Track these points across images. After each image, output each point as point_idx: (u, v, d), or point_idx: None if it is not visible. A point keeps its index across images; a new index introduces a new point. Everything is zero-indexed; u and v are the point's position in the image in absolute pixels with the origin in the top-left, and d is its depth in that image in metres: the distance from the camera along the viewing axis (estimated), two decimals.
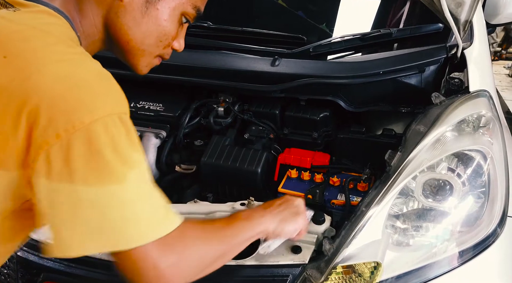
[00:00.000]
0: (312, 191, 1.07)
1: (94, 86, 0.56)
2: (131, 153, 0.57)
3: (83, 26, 0.69)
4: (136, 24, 0.68)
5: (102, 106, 0.55)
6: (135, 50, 0.72)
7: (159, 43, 0.72)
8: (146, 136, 1.25)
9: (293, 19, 1.76)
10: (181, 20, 0.73)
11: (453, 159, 0.97)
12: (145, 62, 0.75)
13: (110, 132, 0.54)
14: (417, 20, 1.56)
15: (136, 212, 0.58)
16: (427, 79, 1.20)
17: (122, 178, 0.56)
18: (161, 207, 0.62)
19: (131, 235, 0.57)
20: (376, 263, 0.87)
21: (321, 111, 1.25)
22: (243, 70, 1.25)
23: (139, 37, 0.70)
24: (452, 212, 0.94)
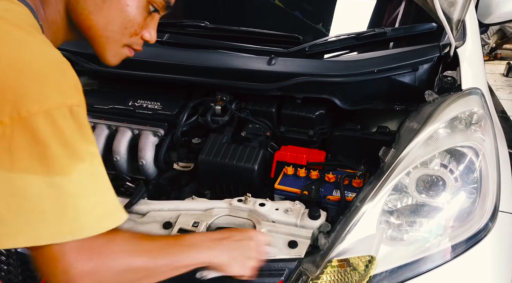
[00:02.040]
0: (308, 187, 1.09)
1: (46, 75, 0.55)
2: (80, 146, 0.55)
3: (46, 13, 0.67)
4: (97, 8, 0.67)
5: (52, 96, 0.53)
6: (98, 36, 0.69)
7: (124, 31, 0.70)
8: (144, 134, 1.26)
9: (290, 19, 1.77)
10: (148, 8, 0.71)
11: (446, 155, 0.99)
12: (112, 51, 0.72)
13: (58, 123, 0.53)
14: (412, 19, 1.58)
15: (67, 208, 0.54)
16: (421, 77, 1.22)
17: (68, 170, 0.54)
18: (101, 206, 0.58)
19: (50, 231, 0.54)
20: (371, 257, 0.89)
21: (316, 109, 1.27)
22: (240, 68, 1.27)
23: (102, 22, 0.68)
24: (445, 207, 0.96)
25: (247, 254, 0.79)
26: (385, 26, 1.56)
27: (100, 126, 1.30)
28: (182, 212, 1.02)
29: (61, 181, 0.54)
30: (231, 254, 0.77)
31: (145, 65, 1.34)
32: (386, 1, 1.71)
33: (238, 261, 0.77)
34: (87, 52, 1.39)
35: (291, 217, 0.98)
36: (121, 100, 1.35)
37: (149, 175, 1.27)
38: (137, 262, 0.63)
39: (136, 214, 1.04)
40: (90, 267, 0.57)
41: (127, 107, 1.32)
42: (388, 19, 1.69)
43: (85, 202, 0.56)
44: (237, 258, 0.77)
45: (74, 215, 0.55)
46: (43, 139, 0.52)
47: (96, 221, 0.57)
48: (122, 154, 1.26)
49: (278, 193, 1.13)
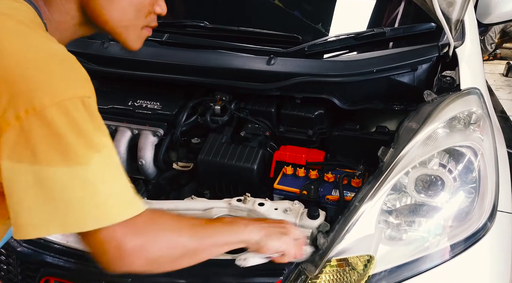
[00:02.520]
0: (307, 187, 1.09)
1: (55, 68, 0.56)
2: (95, 136, 0.57)
3: (52, 13, 0.68)
4: (108, 2, 0.68)
5: (63, 89, 0.55)
6: (117, 28, 0.71)
7: (139, 14, 0.72)
8: (144, 134, 1.27)
9: (290, 19, 1.77)
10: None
11: (445, 155, 0.99)
12: (133, 37, 0.74)
13: (71, 115, 0.54)
14: (412, 19, 1.58)
15: (99, 194, 0.57)
16: (420, 77, 1.23)
17: (86, 160, 0.55)
18: (127, 191, 0.61)
19: (94, 216, 0.57)
20: (369, 257, 0.89)
21: (316, 109, 1.27)
22: (240, 68, 1.27)
23: (116, 14, 0.69)
24: (444, 207, 0.96)
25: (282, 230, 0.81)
26: (385, 26, 1.56)
27: None
28: (182, 212, 1.03)
29: (81, 170, 0.56)
30: (268, 231, 0.79)
31: (144, 65, 1.35)
32: (386, 1, 1.71)
33: (274, 237, 0.79)
34: (87, 52, 1.39)
35: (290, 217, 0.98)
36: (121, 100, 1.35)
37: (148, 175, 1.27)
38: (180, 239, 0.66)
39: None
40: (140, 242, 0.60)
41: (126, 107, 1.32)
42: (387, 19, 1.70)
43: (109, 189, 0.58)
44: (273, 235, 0.79)
45: (103, 201, 0.58)
46: (59, 130, 0.54)
47: (132, 202, 0.61)
48: (122, 154, 1.26)
49: (277, 193, 1.13)
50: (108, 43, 1.40)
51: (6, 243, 0.99)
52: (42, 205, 0.55)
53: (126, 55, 1.36)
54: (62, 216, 0.56)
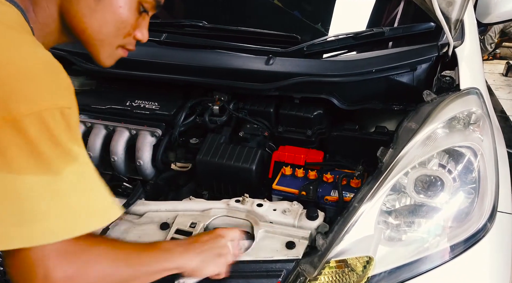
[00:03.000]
0: (306, 187, 1.09)
1: (38, 76, 0.55)
2: (69, 146, 0.56)
3: (37, 16, 0.67)
4: (91, 11, 0.67)
5: (43, 98, 0.54)
6: (92, 39, 0.70)
7: (118, 32, 0.71)
8: (142, 135, 1.26)
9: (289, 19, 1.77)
10: (139, 8, 0.72)
11: (444, 155, 0.99)
12: (106, 53, 0.73)
13: (48, 125, 0.53)
14: (411, 19, 1.57)
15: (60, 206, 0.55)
16: (419, 77, 1.22)
17: (58, 170, 0.54)
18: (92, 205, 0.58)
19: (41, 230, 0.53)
20: (369, 258, 0.89)
21: (315, 109, 1.27)
22: (238, 68, 1.27)
23: (96, 25, 0.68)
24: (444, 208, 0.96)
25: (218, 252, 0.81)
26: (384, 25, 1.55)
27: (97, 126, 1.30)
28: (180, 213, 1.02)
29: (52, 180, 0.54)
30: (202, 257, 0.79)
31: (142, 65, 1.34)
32: (385, 1, 1.70)
33: (210, 262, 0.79)
34: (85, 52, 1.36)
35: (288, 218, 0.97)
36: (119, 100, 1.34)
37: (146, 175, 1.27)
38: (115, 269, 0.64)
39: (133, 214, 1.03)
40: (71, 273, 0.57)
41: (124, 107, 1.32)
42: (387, 18, 1.69)
43: (77, 201, 0.57)
44: (208, 259, 0.79)
45: (66, 213, 0.56)
46: (33, 140, 0.53)
47: (87, 219, 0.58)
48: (120, 154, 1.26)
49: (276, 194, 1.13)
50: None
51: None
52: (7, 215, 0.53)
53: None
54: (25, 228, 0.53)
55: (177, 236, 0.96)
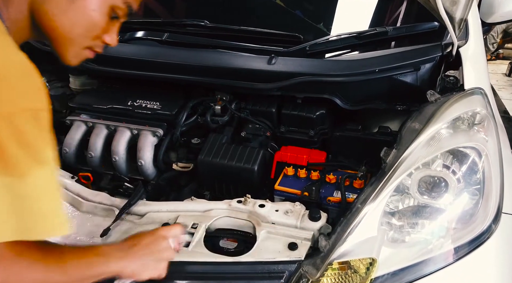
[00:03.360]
0: (308, 188, 1.08)
1: (9, 79, 0.55)
2: (39, 150, 0.56)
3: (10, 13, 0.68)
4: (61, 11, 0.68)
5: (14, 100, 0.54)
6: (61, 38, 0.70)
7: (88, 34, 0.72)
8: (143, 134, 1.25)
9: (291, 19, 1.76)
10: (111, 13, 0.73)
11: (448, 156, 0.98)
12: (73, 53, 0.73)
13: (18, 128, 0.54)
14: (414, 18, 1.56)
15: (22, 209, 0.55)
16: (423, 77, 1.21)
17: (23, 173, 0.55)
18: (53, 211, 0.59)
19: None
20: (372, 259, 0.88)
21: (317, 109, 1.26)
22: (240, 68, 1.26)
23: (66, 25, 0.69)
24: (448, 209, 0.95)
25: (158, 255, 0.82)
26: (387, 25, 1.54)
27: (98, 126, 1.29)
28: (181, 214, 1.01)
29: (16, 182, 0.55)
30: (142, 261, 0.79)
31: (144, 65, 1.33)
32: (388, 0, 1.69)
33: (149, 265, 0.80)
34: None
35: (291, 219, 0.96)
36: (120, 100, 1.33)
37: (148, 175, 1.26)
38: (50, 274, 0.64)
39: (134, 215, 1.03)
40: (1, 279, 0.57)
41: (126, 107, 1.31)
42: (389, 18, 1.68)
43: (39, 206, 0.57)
44: (148, 263, 0.80)
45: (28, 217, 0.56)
46: (1, 141, 0.53)
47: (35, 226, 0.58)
48: (121, 154, 1.25)
49: (278, 194, 1.12)
50: None
51: None
52: None
53: (125, 54, 1.35)
54: None
55: None
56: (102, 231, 0.95)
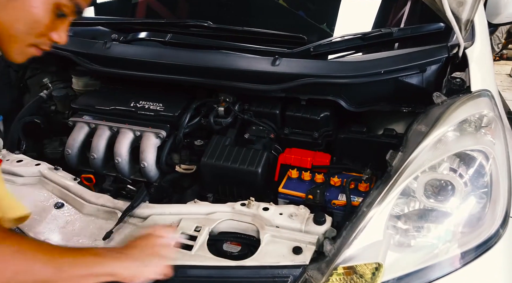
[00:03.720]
0: (313, 191, 1.07)
1: None
2: None
3: None
4: (2, 7, 0.67)
5: None
6: (3, 35, 0.70)
7: (30, 31, 0.71)
8: (146, 136, 1.25)
9: (294, 19, 1.75)
10: (56, 11, 0.72)
11: (455, 159, 0.96)
12: (17, 50, 0.72)
13: None
14: (418, 19, 1.55)
15: None
16: (428, 78, 1.20)
17: None
18: None
19: None
20: (378, 264, 0.87)
21: (321, 111, 1.25)
22: (244, 69, 1.25)
23: (7, 20, 0.68)
24: (454, 213, 0.93)
25: (157, 256, 0.81)
26: (391, 26, 1.53)
27: (101, 127, 1.28)
28: (184, 217, 1.00)
29: None
30: (141, 262, 0.78)
31: (147, 66, 1.32)
32: (391, 1, 1.68)
33: (149, 265, 0.78)
34: (89, 53, 1.37)
35: (295, 222, 0.95)
36: (123, 101, 1.33)
37: (150, 177, 1.25)
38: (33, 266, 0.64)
39: (137, 218, 1.02)
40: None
41: (128, 108, 1.30)
42: (393, 19, 1.67)
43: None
44: (148, 263, 0.79)
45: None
46: None
47: None
48: (124, 156, 1.24)
49: (282, 197, 1.11)
50: (110, 43, 1.37)
51: None
52: None
53: (128, 55, 1.34)
54: None
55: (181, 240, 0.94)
56: (105, 234, 0.94)
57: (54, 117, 1.47)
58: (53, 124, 1.46)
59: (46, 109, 1.46)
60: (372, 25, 1.59)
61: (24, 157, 1.21)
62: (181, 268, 0.88)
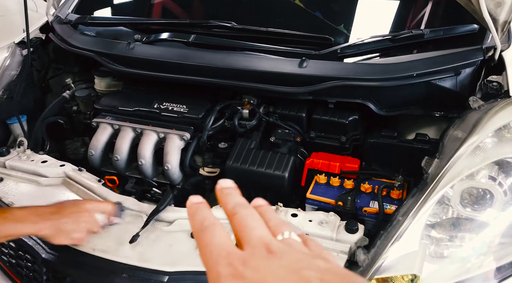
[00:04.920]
0: (343, 198, 1.03)
1: None
2: None
3: None
4: None
5: None
6: None
7: None
8: (170, 138, 1.23)
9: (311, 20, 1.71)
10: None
11: (494, 167, 0.92)
12: None
13: None
14: (440, 21, 1.50)
15: None
16: (462, 82, 1.15)
17: None
18: None
19: None
20: (414, 276, 0.83)
21: (350, 114, 1.21)
22: (269, 71, 1.22)
23: None
24: (492, 223, 0.89)
25: (76, 226, 0.88)
26: (410, 27, 1.49)
27: (125, 129, 1.27)
28: None
29: None
30: (58, 228, 0.85)
31: (170, 67, 1.31)
32: (410, 2, 1.63)
33: (64, 233, 0.86)
34: (113, 53, 1.36)
35: (326, 230, 0.92)
36: (146, 102, 1.31)
37: (174, 180, 1.23)
38: None
39: (163, 221, 1.00)
40: None
41: (152, 110, 1.29)
42: (413, 20, 1.62)
43: None
44: (64, 231, 0.86)
45: None
46: None
47: None
48: (147, 158, 1.23)
49: (310, 203, 1.08)
50: (134, 43, 1.36)
51: (32, 249, 0.96)
52: None
53: (152, 56, 1.33)
54: None
55: None
56: (131, 238, 0.93)
57: (76, 118, 1.47)
58: (74, 124, 1.46)
59: (68, 110, 1.46)
60: (390, 26, 1.54)
61: (49, 158, 1.21)
62: None
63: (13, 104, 1.35)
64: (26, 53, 1.46)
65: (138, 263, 0.89)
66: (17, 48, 1.48)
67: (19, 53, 1.47)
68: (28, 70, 1.46)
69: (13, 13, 3.22)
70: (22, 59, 1.46)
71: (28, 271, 0.99)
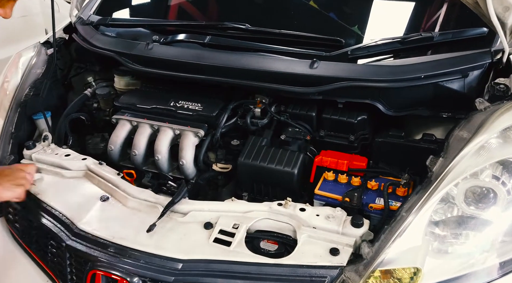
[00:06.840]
0: (349, 194, 1.07)
1: None
2: None
3: None
4: None
5: None
6: None
7: None
8: (185, 135, 1.29)
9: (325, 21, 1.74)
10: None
11: (498, 166, 0.95)
12: None
13: None
14: (455, 23, 1.51)
15: None
16: (470, 84, 1.18)
17: None
18: None
19: None
20: (416, 269, 0.87)
21: (358, 114, 1.25)
22: (281, 72, 1.26)
23: None
24: (495, 221, 0.92)
25: (16, 182, 1.05)
26: (424, 29, 1.51)
27: (143, 126, 1.33)
28: (222, 214, 1.03)
29: None
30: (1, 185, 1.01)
31: (186, 67, 1.37)
32: (425, 4, 1.64)
33: (7, 189, 1.02)
34: (132, 53, 1.43)
35: (332, 224, 0.96)
36: (163, 100, 1.38)
37: (188, 174, 1.29)
38: None
39: (177, 213, 1.06)
40: None
41: (168, 107, 1.35)
42: (427, 22, 1.63)
43: None
44: (6, 186, 1.02)
45: None
46: None
47: None
48: (164, 153, 1.29)
49: (318, 199, 1.12)
50: (152, 44, 1.43)
51: (57, 236, 1.03)
52: None
53: (169, 56, 1.39)
54: None
55: (220, 236, 0.98)
56: (149, 227, 0.99)
57: (96, 114, 1.54)
58: (95, 120, 1.54)
59: (89, 106, 1.54)
60: (405, 28, 1.56)
61: (72, 152, 1.28)
62: (220, 263, 0.92)
63: (39, 101, 1.43)
64: (50, 53, 1.53)
65: (154, 251, 0.95)
66: (42, 48, 1.56)
67: (44, 53, 1.55)
68: (54, 69, 1.54)
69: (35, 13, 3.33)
70: (47, 58, 1.54)
71: (53, 256, 1.06)
